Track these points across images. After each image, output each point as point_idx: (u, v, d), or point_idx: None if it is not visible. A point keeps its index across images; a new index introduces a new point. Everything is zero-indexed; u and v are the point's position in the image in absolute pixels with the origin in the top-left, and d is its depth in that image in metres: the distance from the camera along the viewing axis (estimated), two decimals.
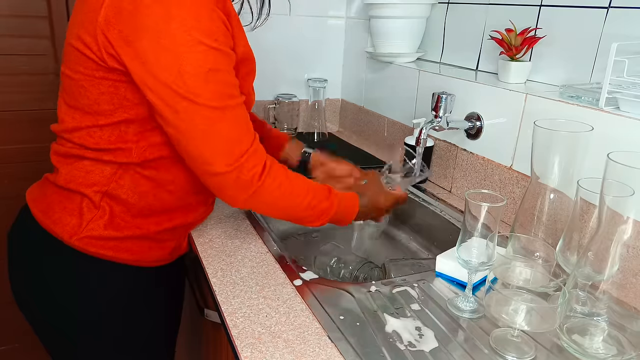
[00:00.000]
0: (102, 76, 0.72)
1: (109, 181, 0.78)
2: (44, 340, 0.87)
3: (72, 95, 0.76)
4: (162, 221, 0.83)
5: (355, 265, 0.94)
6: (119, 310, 0.84)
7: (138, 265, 0.83)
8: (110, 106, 0.74)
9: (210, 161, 0.72)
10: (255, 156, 0.74)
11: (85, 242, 0.78)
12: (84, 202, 0.78)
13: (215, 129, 0.70)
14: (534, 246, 0.77)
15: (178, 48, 0.66)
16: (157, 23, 0.65)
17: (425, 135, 1.07)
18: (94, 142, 0.76)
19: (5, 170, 1.55)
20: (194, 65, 0.67)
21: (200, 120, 0.69)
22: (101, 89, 0.73)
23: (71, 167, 0.79)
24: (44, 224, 0.79)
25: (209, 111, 0.69)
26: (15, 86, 1.50)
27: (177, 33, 0.65)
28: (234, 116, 0.72)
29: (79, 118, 0.76)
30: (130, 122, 0.75)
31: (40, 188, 0.84)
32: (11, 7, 1.44)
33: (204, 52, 0.67)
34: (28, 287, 0.83)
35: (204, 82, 0.68)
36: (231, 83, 0.72)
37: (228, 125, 0.71)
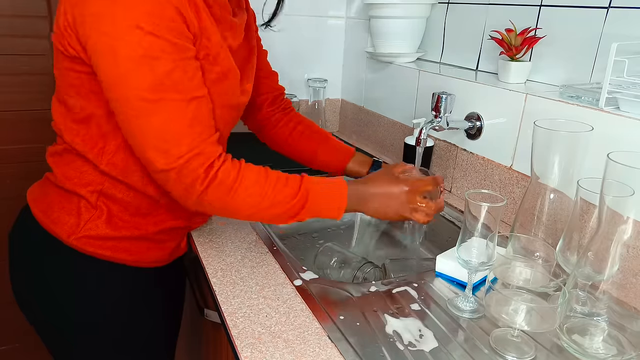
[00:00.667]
0: (68, 67, 0.72)
1: (102, 180, 0.78)
2: (45, 340, 0.87)
3: (57, 90, 0.78)
4: (160, 222, 0.83)
5: (355, 265, 0.94)
6: (118, 311, 0.84)
7: (137, 265, 0.83)
8: (80, 99, 0.74)
9: (147, 156, 0.68)
10: (198, 158, 0.68)
11: (83, 242, 0.78)
12: (81, 202, 0.78)
13: (146, 122, 0.66)
14: (534, 246, 0.77)
15: (115, 32, 0.64)
16: (101, 7, 0.64)
17: (425, 135, 1.07)
18: (70, 139, 0.77)
19: (7, 170, 1.56)
20: (127, 49, 0.63)
21: (130, 109, 0.66)
22: (69, 80, 0.73)
23: (66, 167, 0.79)
24: (44, 224, 0.79)
25: (140, 102, 0.65)
26: (15, 86, 1.51)
27: (117, 18, 0.63)
28: (173, 111, 0.66)
29: (63, 112, 0.78)
30: (98, 117, 0.74)
31: (40, 188, 0.84)
32: (11, 7, 1.44)
33: (139, 36, 0.63)
34: (29, 287, 0.83)
35: (137, 68, 0.64)
36: (176, 74, 0.66)
37: (162, 121, 0.66)
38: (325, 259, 0.98)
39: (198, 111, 0.69)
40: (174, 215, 0.84)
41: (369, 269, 0.93)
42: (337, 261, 0.97)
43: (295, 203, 0.75)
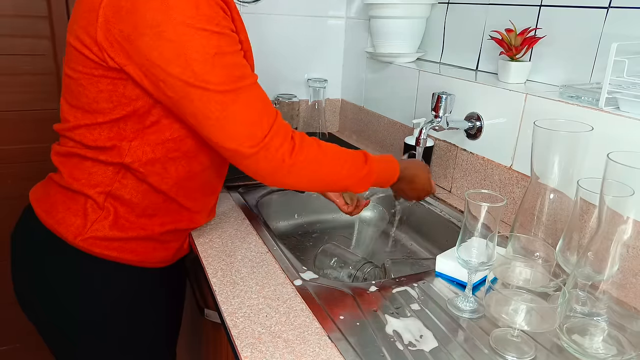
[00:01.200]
0: (101, 74, 0.72)
1: (112, 181, 0.78)
2: (47, 340, 0.87)
3: (73, 94, 0.77)
4: (166, 223, 0.83)
5: (355, 265, 0.94)
6: (123, 311, 0.84)
7: (142, 266, 0.83)
8: (108, 104, 0.74)
9: (234, 146, 0.71)
10: (279, 134, 0.72)
11: (89, 243, 0.78)
12: (88, 202, 0.78)
13: (230, 113, 0.69)
14: (534, 246, 0.77)
15: (181, 38, 0.65)
16: (157, 17, 0.65)
17: (425, 135, 1.08)
18: (92, 140, 0.76)
19: (9, 170, 1.56)
20: (199, 52, 0.66)
21: (215, 105, 0.68)
22: (100, 87, 0.73)
23: (73, 167, 0.79)
24: (48, 224, 0.79)
25: (221, 95, 0.68)
26: (16, 86, 1.51)
27: (178, 24, 0.65)
28: (248, 97, 0.71)
29: (80, 116, 0.77)
30: (127, 118, 0.75)
31: (43, 188, 0.84)
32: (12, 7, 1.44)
33: (207, 37, 0.66)
34: (32, 288, 0.83)
35: (212, 67, 0.67)
36: (239, 64, 0.71)
37: (243, 107, 0.70)
38: (325, 259, 0.98)
39: (261, 91, 0.73)
40: (179, 216, 0.85)
41: (369, 269, 0.93)
42: (337, 261, 0.97)
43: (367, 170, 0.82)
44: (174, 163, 0.79)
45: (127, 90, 0.72)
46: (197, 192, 0.85)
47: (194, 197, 0.85)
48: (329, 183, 0.81)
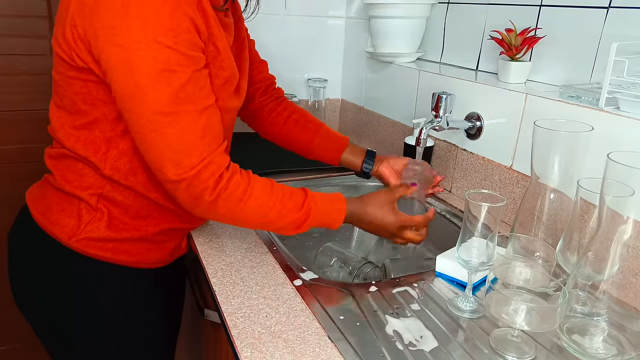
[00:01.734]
0: (74, 76, 0.71)
1: (104, 183, 0.78)
2: (44, 341, 0.87)
3: (58, 96, 0.77)
4: (160, 223, 0.83)
5: (355, 265, 0.94)
6: (118, 312, 0.84)
7: (137, 267, 0.83)
8: (85, 105, 0.73)
9: (159, 167, 0.69)
10: (209, 169, 0.69)
11: (84, 244, 0.78)
12: (81, 204, 0.78)
13: (162, 135, 0.66)
14: (534, 246, 0.77)
15: (131, 45, 0.63)
16: (113, 19, 0.63)
17: (425, 135, 1.07)
18: (75, 144, 0.76)
19: (7, 170, 1.56)
20: (145, 64, 0.63)
21: (146, 123, 0.66)
22: (75, 88, 0.72)
23: (65, 170, 0.79)
24: (43, 225, 0.79)
25: (157, 115, 0.65)
26: (15, 86, 1.51)
27: (132, 30, 0.62)
28: (188, 124, 0.67)
29: (64, 118, 0.77)
30: (100, 123, 0.74)
31: (39, 189, 0.84)
32: (11, 7, 1.44)
33: (157, 50, 0.63)
34: (28, 288, 0.83)
35: (155, 82, 0.64)
36: (190, 86, 0.66)
37: (177, 133, 0.67)
38: (325, 259, 0.98)
39: (208, 121, 0.70)
40: (174, 217, 0.84)
41: (369, 269, 0.93)
42: (337, 261, 0.97)
43: (301, 216, 0.77)
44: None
45: (100, 93, 0.71)
46: None
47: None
48: (255, 224, 0.78)
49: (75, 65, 0.70)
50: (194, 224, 0.90)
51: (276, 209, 0.76)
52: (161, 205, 0.82)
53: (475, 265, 0.71)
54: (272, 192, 0.76)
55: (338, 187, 1.26)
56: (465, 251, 0.72)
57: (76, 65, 0.70)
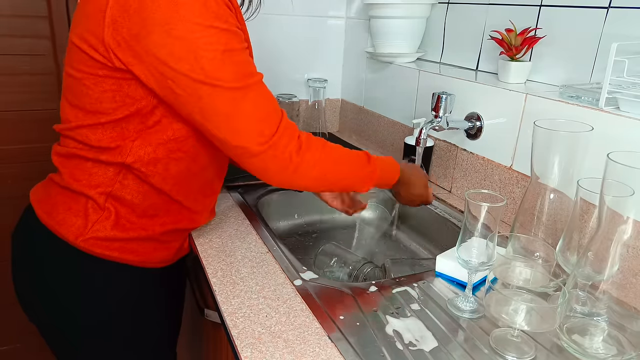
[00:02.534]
0: (106, 74, 0.72)
1: (113, 182, 0.78)
2: (49, 341, 0.87)
3: (75, 94, 0.76)
4: (167, 223, 0.83)
5: (355, 265, 0.94)
6: (125, 312, 0.84)
7: (143, 266, 0.83)
8: (112, 104, 0.74)
9: (242, 143, 0.71)
10: (286, 133, 0.73)
11: (90, 243, 0.78)
12: (89, 203, 0.78)
13: (240, 110, 0.70)
14: (534, 246, 0.77)
15: (190, 35, 0.66)
16: (165, 15, 0.65)
17: (425, 135, 1.08)
18: (95, 140, 0.76)
19: (9, 170, 1.56)
20: (208, 49, 0.66)
21: (224, 102, 0.69)
22: (104, 87, 0.73)
23: (74, 168, 0.79)
24: (49, 225, 0.79)
25: (231, 92, 0.69)
26: (16, 86, 1.51)
27: (187, 21, 0.65)
28: (257, 94, 0.71)
29: (81, 117, 0.76)
30: (131, 118, 0.75)
31: (44, 188, 0.84)
32: (11, 7, 1.44)
33: (216, 34, 0.67)
34: (32, 288, 0.83)
35: (221, 64, 0.68)
36: (247, 61, 0.72)
37: (252, 104, 0.70)
38: (325, 258, 0.98)
39: (268, 90, 0.74)
40: (180, 217, 0.85)
41: (369, 269, 0.93)
42: (337, 261, 0.97)
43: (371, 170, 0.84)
44: (176, 163, 0.79)
45: (132, 90, 0.72)
46: (197, 192, 0.85)
47: (195, 197, 0.85)
48: (334, 182, 0.82)
49: (112, 65, 0.70)
50: (198, 223, 0.90)
51: (352, 163, 0.82)
52: (169, 203, 0.82)
53: (475, 265, 0.71)
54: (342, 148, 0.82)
55: None
56: (465, 251, 0.72)
57: (112, 66, 0.70)
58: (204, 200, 0.88)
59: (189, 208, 0.85)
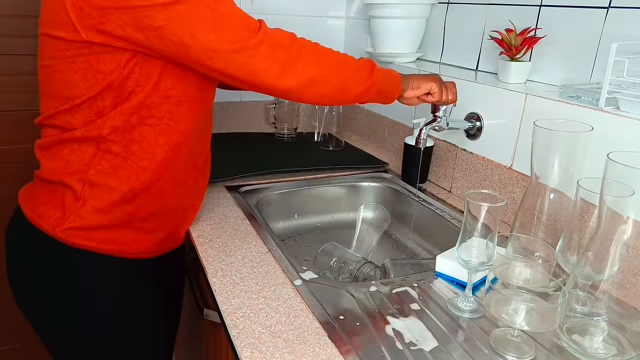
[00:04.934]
0: (74, 54, 0.72)
1: (88, 167, 0.78)
2: (44, 338, 0.88)
3: (49, 84, 0.78)
4: (147, 204, 0.82)
5: (355, 265, 0.94)
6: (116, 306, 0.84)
7: (124, 256, 0.83)
8: (84, 83, 0.74)
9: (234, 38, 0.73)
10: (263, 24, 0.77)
11: (68, 234, 0.78)
12: (66, 193, 0.78)
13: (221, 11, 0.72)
14: (534, 246, 0.77)
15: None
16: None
17: (425, 136, 1.07)
18: (75, 122, 0.77)
19: (7, 170, 1.56)
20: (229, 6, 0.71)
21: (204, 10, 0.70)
22: (74, 67, 0.73)
23: (52, 158, 0.80)
24: (32, 219, 0.80)
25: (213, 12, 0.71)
26: (16, 86, 1.51)
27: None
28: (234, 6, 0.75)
29: (57, 104, 0.77)
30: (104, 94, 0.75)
31: (30, 185, 0.86)
32: (12, 7, 1.44)
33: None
34: (25, 284, 0.83)
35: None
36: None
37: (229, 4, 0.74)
38: (325, 259, 0.98)
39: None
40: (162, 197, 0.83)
41: (369, 269, 0.93)
42: (337, 261, 0.97)
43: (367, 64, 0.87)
44: (151, 131, 0.78)
45: (101, 65, 0.73)
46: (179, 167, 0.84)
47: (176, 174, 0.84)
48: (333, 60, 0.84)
49: (80, 40, 0.71)
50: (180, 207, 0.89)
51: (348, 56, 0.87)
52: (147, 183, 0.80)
53: (475, 265, 0.71)
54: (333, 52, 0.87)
55: (338, 187, 1.27)
56: (465, 251, 0.72)
57: (80, 41, 0.71)
58: (186, 178, 0.87)
59: (167, 186, 0.83)
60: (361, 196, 1.28)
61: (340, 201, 1.27)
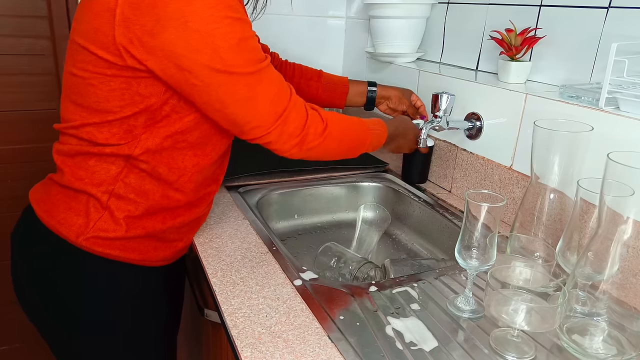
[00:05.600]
0: (114, 74, 0.72)
1: (115, 180, 0.78)
2: (48, 340, 0.87)
3: (80, 94, 0.76)
4: (167, 219, 0.83)
5: (355, 265, 0.94)
6: (125, 310, 0.84)
7: (144, 264, 0.83)
8: (120, 102, 0.74)
9: (257, 123, 0.76)
10: (295, 108, 0.79)
11: (92, 242, 0.78)
12: (90, 202, 0.78)
13: (256, 93, 0.74)
14: (534, 246, 0.77)
15: (207, 27, 0.67)
16: (179, 8, 0.66)
17: (425, 135, 1.08)
18: (102, 138, 0.76)
19: (8, 170, 1.56)
20: (225, 38, 0.69)
21: (242, 88, 0.73)
22: (112, 85, 0.73)
23: (76, 166, 0.79)
24: (49, 225, 0.79)
25: (248, 78, 0.72)
26: (16, 86, 1.51)
27: (202, 13, 0.67)
28: (269, 76, 0.76)
29: (87, 115, 0.76)
30: (139, 115, 0.75)
31: (43, 188, 0.84)
32: (11, 7, 1.44)
33: (231, 24, 0.69)
34: (33, 287, 0.83)
35: (238, 52, 0.71)
36: (257, 47, 0.75)
37: (266, 86, 0.75)
38: (325, 259, 0.98)
39: (275, 70, 0.79)
40: (180, 210, 0.84)
41: (369, 269, 0.93)
42: (337, 261, 0.97)
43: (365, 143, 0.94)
44: (180, 152, 0.80)
45: (141, 88, 0.73)
46: (202, 182, 0.86)
47: (197, 188, 0.85)
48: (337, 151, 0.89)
49: (123, 64, 0.71)
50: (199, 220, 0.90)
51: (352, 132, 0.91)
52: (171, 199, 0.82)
53: (475, 265, 0.71)
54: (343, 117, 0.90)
55: (338, 187, 1.27)
56: (465, 251, 0.72)
57: (123, 65, 0.71)
58: (206, 190, 0.88)
59: (190, 201, 0.85)
60: (361, 196, 1.28)
61: (340, 201, 1.27)
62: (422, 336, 0.67)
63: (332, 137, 0.85)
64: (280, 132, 0.78)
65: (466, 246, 0.72)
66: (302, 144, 0.81)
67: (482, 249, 0.71)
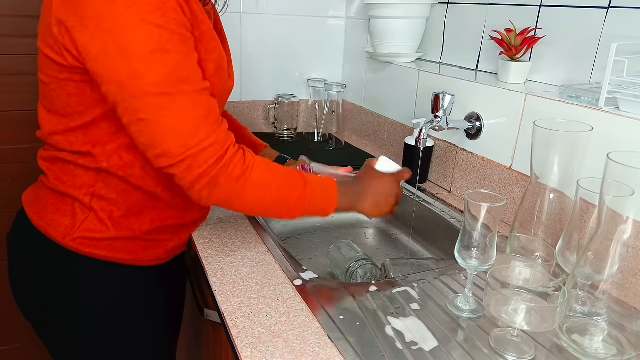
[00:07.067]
0: (66, 77, 0.70)
1: (95, 182, 0.77)
2: (45, 340, 0.88)
3: (48, 100, 0.75)
4: (155, 220, 0.82)
5: (355, 265, 0.94)
6: (118, 310, 0.84)
7: (135, 264, 0.83)
8: (79, 107, 0.72)
9: (158, 153, 0.66)
10: (214, 147, 0.68)
11: (78, 243, 0.78)
12: (75, 203, 0.78)
13: (162, 117, 0.64)
14: (534, 246, 0.77)
15: (121, 29, 0.61)
16: (100, 7, 0.62)
17: (425, 136, 1.07)
18: (69, 145, 0.76)
19: (7, 171, 1.56)
20: (137, 45, 0.61)
21: (145, 107, 0.64)
22: (68, 90, 0.71)
23: (58, 171, 0.79)
24: (39, 226, 0.80)
25: (155, 98, 0.63)
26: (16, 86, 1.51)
27: (120, 13, 0.61)
28: (188, 103, 0.65)
29: (55, 122, 0.76)
30: (100, 122, 0.73)
31: (35, 190, 0.85)
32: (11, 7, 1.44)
33: (147, 30, 0.62)
34: (28, 288, 0.83)
35: (149, 63, 0.62)
36: (182, 66, 0.65)
37: (178, 114, 0.65)
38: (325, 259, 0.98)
39: (209, 101, 0.69)
40: (168, 212, 0.84)
41: (369, 269, 0.93)
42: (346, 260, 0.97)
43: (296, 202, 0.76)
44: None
45: (94, 92, 0.70)
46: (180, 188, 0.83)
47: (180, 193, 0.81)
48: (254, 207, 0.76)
49: (68, 65, 0.68)
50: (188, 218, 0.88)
51: (274, 191, 0.74)
52: (154, 200, 0.81)
53: (475, 265, 0.71)
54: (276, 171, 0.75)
55: None
56: (465, 251, 0.72)
57: (68, 65, 0.68)
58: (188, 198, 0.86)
59: (176, 205, 0.83)
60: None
61: None
62: (422, 336, 0.67)
63: (252, 185, 0.72)
64: (188, 167, 0.67)
65: (466, 246, 0.72)
66: (212, 186, 0.69)
67: (482, 248, 0.71)
